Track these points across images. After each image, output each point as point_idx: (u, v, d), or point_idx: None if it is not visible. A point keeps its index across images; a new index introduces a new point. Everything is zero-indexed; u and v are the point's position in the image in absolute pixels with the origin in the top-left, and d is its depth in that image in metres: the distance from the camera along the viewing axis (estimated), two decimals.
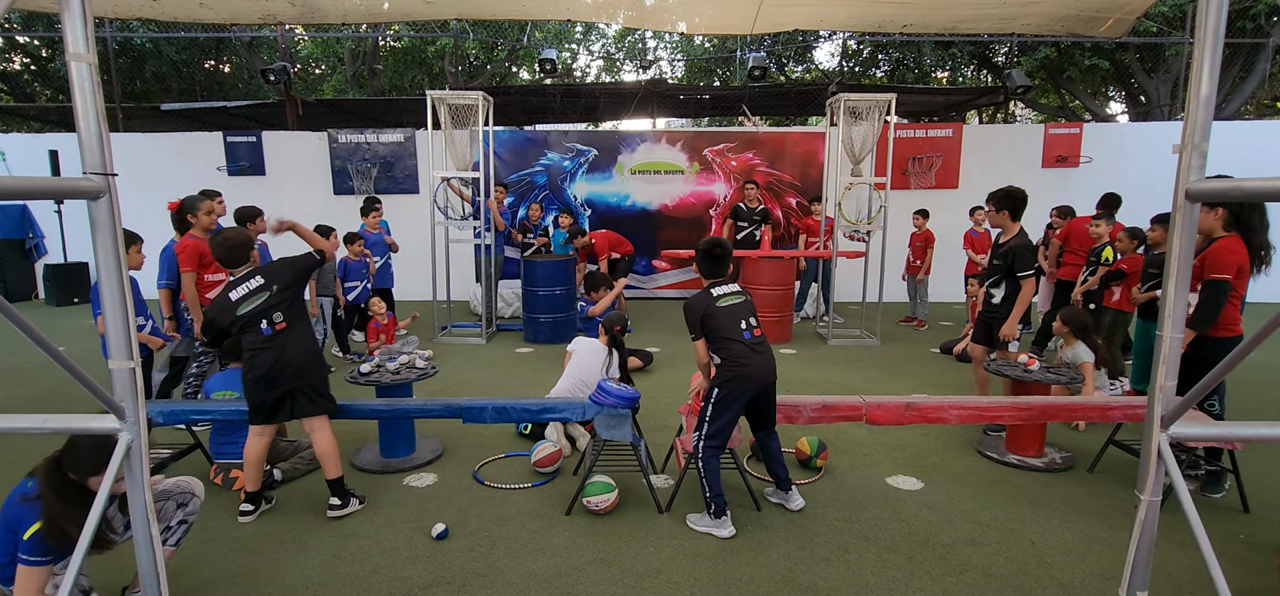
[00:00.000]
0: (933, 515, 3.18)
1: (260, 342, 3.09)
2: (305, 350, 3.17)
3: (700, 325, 3.00)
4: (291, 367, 3.10)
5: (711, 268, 3.13)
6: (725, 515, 3.01)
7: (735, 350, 2.96)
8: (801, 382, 5.45)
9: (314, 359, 3.23)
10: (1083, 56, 13.12)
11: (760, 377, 3.00)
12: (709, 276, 3.14)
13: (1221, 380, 3.22)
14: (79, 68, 1.51)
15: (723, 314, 3.00)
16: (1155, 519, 1.63)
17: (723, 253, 3.13)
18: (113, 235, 1.59)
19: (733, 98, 12.64)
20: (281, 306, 3.12)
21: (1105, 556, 2.80)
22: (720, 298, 3.03)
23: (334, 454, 3.22)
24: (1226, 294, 3.16)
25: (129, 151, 9.76)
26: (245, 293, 3.09)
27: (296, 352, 3.12)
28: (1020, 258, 3.95)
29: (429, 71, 16.30)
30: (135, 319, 1.68)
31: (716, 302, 3.01)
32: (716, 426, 3.00)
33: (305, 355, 3.16)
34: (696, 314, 3.01)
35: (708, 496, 3.01)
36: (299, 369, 3.12)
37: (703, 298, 3.04)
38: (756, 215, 7.81)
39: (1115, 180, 9.43)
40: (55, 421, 1.82)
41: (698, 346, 3.05)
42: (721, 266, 3.12)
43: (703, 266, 3.15)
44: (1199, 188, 1.49)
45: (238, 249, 3.17)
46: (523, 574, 2.74)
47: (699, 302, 3.03)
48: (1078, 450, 3.93)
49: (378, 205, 7.10)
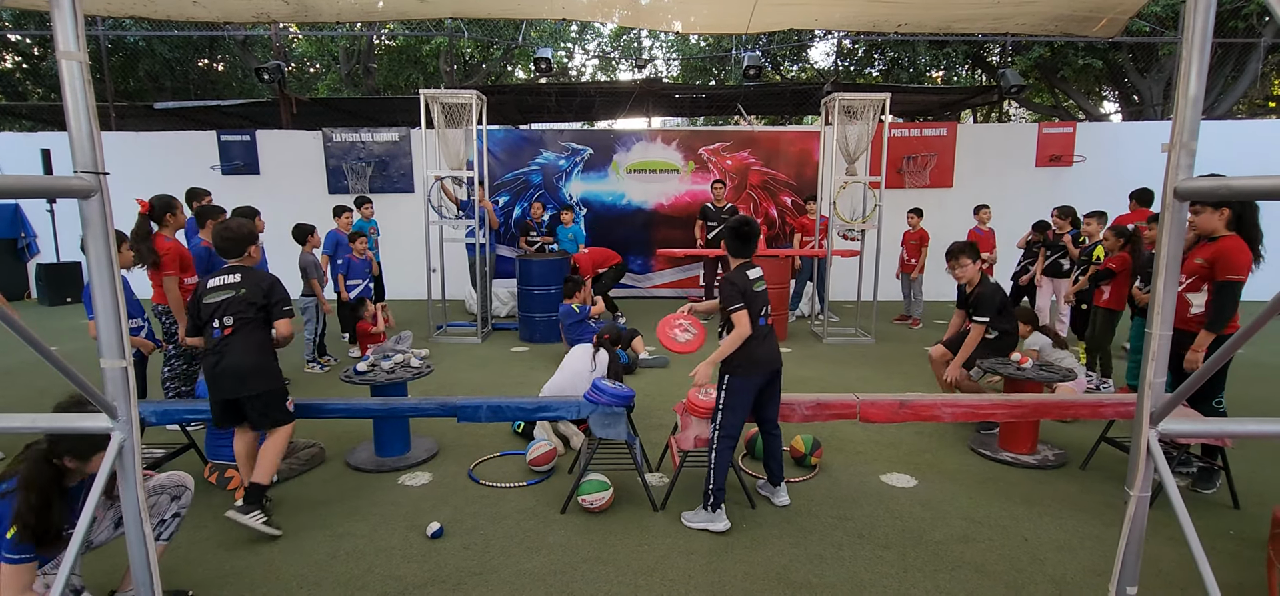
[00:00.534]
0: (926, 512, 3.19)
1: (210, 344, 3.07)
2: (249, 361, 3.03)
3: (742, 296, 2.97)
4: (231, 375, 3.00)
5: (742, 246, 3.10)
6: (721, 509, 3.03)
7: (754, 333, 2.97)
8: (797, 381, 5.46)
9: (258, 371, 3.06)
10: (1076, 56, 13.18)
11: (769, 363, 3.05)
12: (738, 255, 3.12)
13: (1221, 378, 3.30)
14: (70, 66, 1.51)
15: (754, 297, 3.00)
16: (1145, 514, 1.65)
17: (752, 231, 3.11)
18: (104, 234, 1.58)
19: (728, 97, 12.65)
20: (235, 311, 3.02)
21: (1097, 552, 2.82)
22: (754, 280, 3.04)
23: (273, 460, 3.09)
24: (1240, 294, 3.20)
25: (122, 150, 9.73)
26: (219, 284, 3.06)
27: (237, 360, 3.00)
28: (981, 304, 4.19)
29: (424, 70, 16.27)
30: (128, 320, 1.67)
31: (751, 282, 3.02)
32: (732, 417, 3.01)
33: (248, 365, 3.02)
34: (738, 287, 2.98)
35: (711, 487, 3.01)
36: (240, 377, 3.01)
37: (741, 274, 3.03)
38: (724, 214, 7.89)
39: (1109, 180, 9.51)
40: (46, 421, 1.82)
41: (740, 316, 2.96)
42: (751, 245, 3.10)
43: (732, 245, 3.12)
44: (1187, 186, 1.50)
45: (234, 241, 3.12)
46: (517, 572, 2.74)
47: (739, 278, 3.02)
48: (1070, 446, 3.95)
49: (368, 203, 7.14)
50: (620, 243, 9.67)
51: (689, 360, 5.93)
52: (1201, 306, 3.34)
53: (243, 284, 3.06)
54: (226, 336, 3.03)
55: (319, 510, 3.28)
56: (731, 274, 3.07)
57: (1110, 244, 5.07)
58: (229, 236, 3.13)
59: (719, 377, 3.06)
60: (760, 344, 3.00)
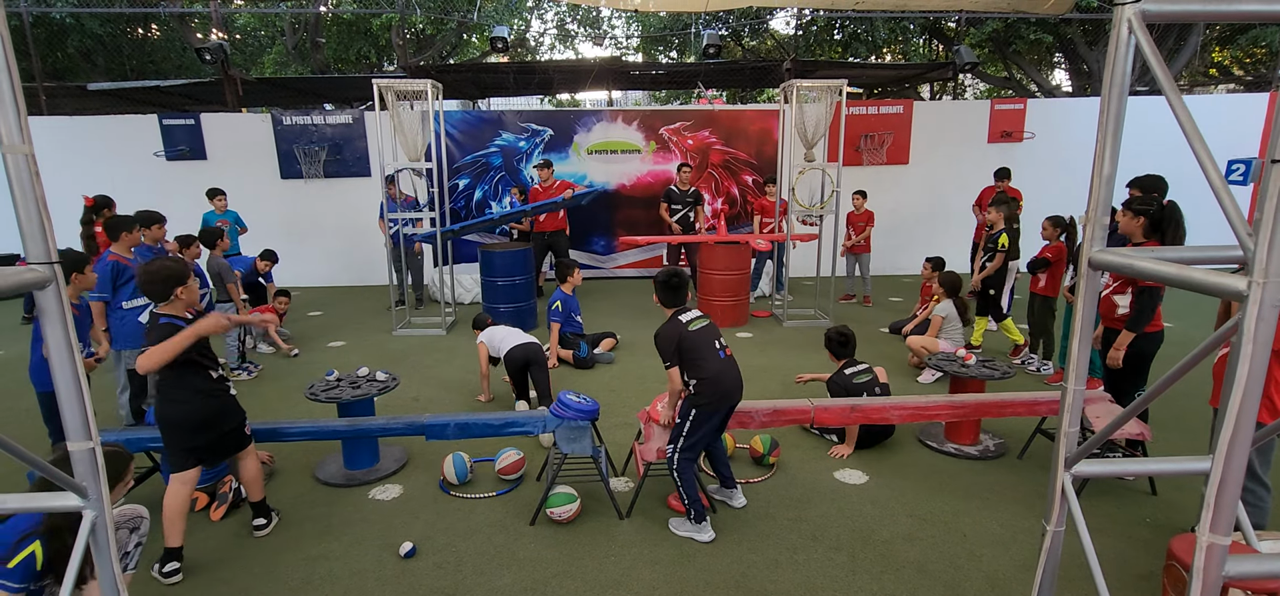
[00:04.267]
0: (875, 510, 3.40)
1: (210, 386, 3.02)
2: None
3: (675, 352, 3.05)
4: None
5: (672, 297, 3.22)
6: (705, 520, 3.15)
7: (712, 369, 3.04)
8: (757, 369, 5.63)
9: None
10: (1028, 30, 13.49)
11: (735, 394, 3.15)
12: (671, 305, 3.22)
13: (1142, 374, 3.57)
14: (16, 159, 1.49)
15: (695, 337, 3.08)
16: (1059, 547, 1.83)
17: (681, 281, 3.23)
18: (62, 321, 1.58)
19: (689, 73, 12.60)
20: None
21: (1027, 547, 3.07)
22: (690, 322, 3.11)
23: (258, 477, 3.30)
24: (1159, 298, 3.50)
25: (54, 136, 9.24)
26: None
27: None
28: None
29: (376, 44, 15.70)
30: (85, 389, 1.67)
31: (687, 327, 3.09)
32: (694, 440, 3.11)
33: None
34: (671, 341, 3.05)
35: (686, 503, 3.14)
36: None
37: (674, 325, 3.10)
38: (689, 197, 8.01)
39: (1058, 155, 9.88)
40: (15, 501, 1.83)
41: (672, 374, 3.08)
42: (681, 294, 3.22)
43: (664, 297, 3.23)
44: (1101, 258, 1.64)
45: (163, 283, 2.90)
46: (490, 590, 2.84)
47: (672, 330, 3.08)
48: (1010, 436, 4.22)
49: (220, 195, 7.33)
50: (583, 224, 9.69)
51: (647, 350, 6.06)
52: (1127, 307, 3.60)
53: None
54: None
55: (290, 530, 3.32)
56: (663, 328, 3.13)
57: (1047, 233, 5.36)
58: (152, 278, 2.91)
59: (684, 411, 3.12)
60: (723, 375, 3.08)
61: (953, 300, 5.49)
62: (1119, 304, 3.64)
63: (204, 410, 2.96)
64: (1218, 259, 1.57)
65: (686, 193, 8.02)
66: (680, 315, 3.14)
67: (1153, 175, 4.37)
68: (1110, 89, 1.61)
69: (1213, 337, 1.35)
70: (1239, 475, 1.28)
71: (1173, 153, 4.61)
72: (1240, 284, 1.22)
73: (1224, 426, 1.26)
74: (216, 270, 5.78)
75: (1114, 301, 3.64)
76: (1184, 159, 1.96)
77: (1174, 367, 1.44)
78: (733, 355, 3.21)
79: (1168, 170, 4.53)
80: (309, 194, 9.76)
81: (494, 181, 9.75)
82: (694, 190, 8.14)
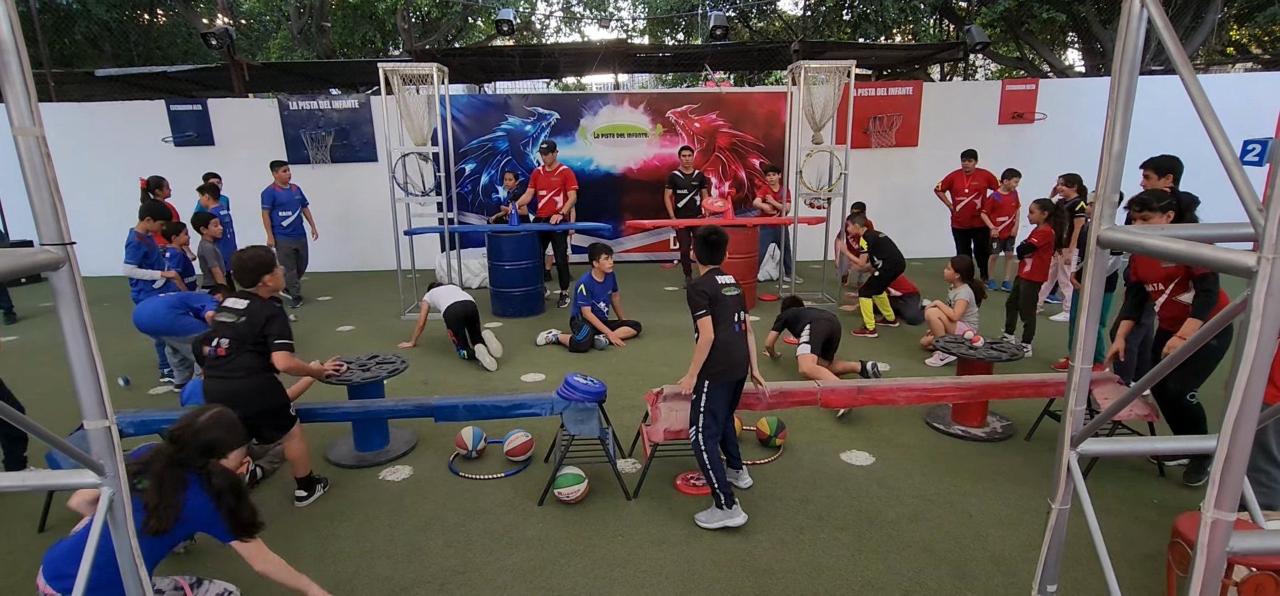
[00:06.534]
0: (882, 491, 3.42)
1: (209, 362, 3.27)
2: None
3: (709, 303, 3.06)
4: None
5: (711, 253, 3.20)
6: (735, 503, 3.10)
7: (725, 337, 3.06)
8: (763, 353, 5.63)
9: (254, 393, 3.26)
10: (1041, 9, 13.26)
11: (742, 366, 3.15)
12: (708, 262, 3.22)
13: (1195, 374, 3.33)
14: (26, 141, 1.50)
15: (725, 302, 3.09)
16: (1064, 524, 1.83)
17: (720, 239, 3.22)
18: (76, 301, 1.61)
19: (695, 55, 12.50)
20: (231, 336, 3.21)
21: (1033, 527, 3.07)
22: (724, 286, 3.12)
23: (301, 455, 3.43)
24: (1217, 280, 3.23)
25: (64, 122, 9.30)
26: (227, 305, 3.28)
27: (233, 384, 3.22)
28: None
29: (381, 28, 15.65)
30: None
31: (722, 289, 3.10)
32: (712, 419, 3.09)
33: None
34: (706, 294, 3.07)
35: (715, 488, 3.07)
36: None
37: (710, 280, 3.12)
38: (693, 180, 7.96)
39: (1070, 136, 9.75)
40: (36, 477, 1.87)
41: (705, 322, 3.07)
42: (720, 252, 3.21)
43: (702, 252, 3.22)
44: (1110, 236, 1.63)
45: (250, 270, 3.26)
46: (499, 568, 2.89)
47: (708, 284, 3.10)
48: (1016, 418, 4.22)
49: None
50: (590, 208, 9.67)
51: (657, 335, 6.08)
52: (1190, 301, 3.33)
53: (246, 312, 3.21)
54: (220, 356, 3.20)
55: (304, 511, 3.37)
56: (700, 280, 3.15)
57: (1036, 217, 5.34)
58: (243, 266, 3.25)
59: (697, 383, 3.13)
60: (734, 346, 3.09)
61: (969, 284, 5.48)
62: (1186, 302, 3.38)
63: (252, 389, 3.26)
64: (1229, 236, 1.56)
65: (691, 176, 7.98)
66: (716, 275, 3.15)
67: (1167, 155, 4.27)
68: (1121, 64, 1.59)
69: (1219, 315, 1.34)
70: (1245, 452, 1.28)
71: (1188, 131, 4.54)
72: (1250, 260, 1.21)
73: (1230, 403, 1.26)
74: (205, 255, 5.88)
75: (1182, 302, 3.36)
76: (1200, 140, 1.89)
77: (1181, 346, 1.44)
78: (748, 330, 3.22)
79: (1183, 151, 4.45)
80: (316, 179, 9.79)
81: (500, 166, 9.74)
82: (698, 173, 8.09)
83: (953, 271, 5.54)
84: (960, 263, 5.58)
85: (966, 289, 5.47)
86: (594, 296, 6.02)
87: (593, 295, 6.01)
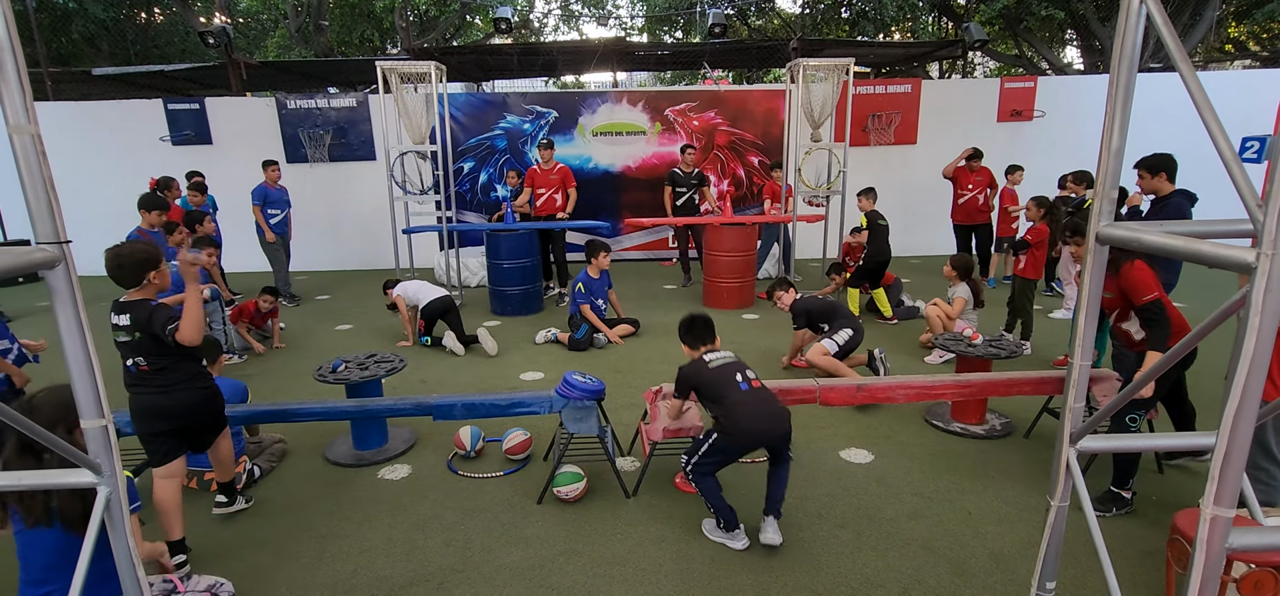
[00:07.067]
0: (881, 489, 3.42)
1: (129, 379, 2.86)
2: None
3: (687, 390, 3.13)
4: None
5: (696, 338, 3.26)
6: (737, 527, 2.97)
7: (732, 400, 2.92)
8: (763, 350, 5.64)
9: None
10: (1039, 6, 13.26)
11: (764, 430, 2.91)
12: (695, 346, 3.25)
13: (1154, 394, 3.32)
14: (22, 139, 1.50)
15: (713, 373, 3.03)
16: (1063, 521, 1.83)
17: (706, 322, 3.29)
18: (72, 302, 1.60)
19: (694, 53, 12.49)
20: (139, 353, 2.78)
21: (1033, 524, 3.08)
22: (711, 361, 3.10)
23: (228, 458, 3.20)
24: (1163, 307, 3.03)
25: (60, 121, 9.28)
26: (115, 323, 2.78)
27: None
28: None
29: (379, 26, 15.62)
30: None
31: (707, 366, 3.08)
32: (708, 462, 2.97)
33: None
34: (688, 382, 3.10)
35: (714, 513, 3.00)
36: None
37: (696, 366, 3.11)
38: (692, 179, 7.96)
39: (1069, 134, 9.75)
40: (32, 477, 1.86)
41: (673, 404, 3.21)
42: (705, 335, 3.26)
43: (687, 339, 3.28)
44: (1108, 233, 1.63)
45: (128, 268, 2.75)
46: (498, 567, 2.88)
47: (691, 371, 3.10)
48: (1015, 415, 4.22)
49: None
50: (588, 206, 9.65)
51: (655, 332, 6.08)
52: (1141, 331, 3.34)
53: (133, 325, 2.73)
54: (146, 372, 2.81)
55: (303, 510, 3.37)
56: (685, 367, 3.14)
57: (1032, 213, 5.36)
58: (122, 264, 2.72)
59: (707, 431, 3.02)
60: (745, 405, 2.92)
61: (967, 282, 5.50)
62: (1131, 331, 3.27)
63: (198, 398, 2.94)
64: (1227, 233, 1.55)
65: (691, 174, 7.98)
66: (705, 355, 3.16)
67: (1161, 154, 4.27)
68: (1120, 60, 1.59)
69: (1218, 311, 1.34)
70: (1244, 448, 1.27)
71: (1187, 128, 4.53)
72: (1249, 255, 1.20)
73: (1229, 399, 1.26)
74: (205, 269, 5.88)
75: (1126, 330, 3.28)
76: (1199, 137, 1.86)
77: (1178, 343, 1.44)
78: (762, 386, 3.04)
79: (1182, 148, 4.46)
80: (314, 178, 9.78)
81: (499, 164, 9.72)
82: (698, 172, 8.09)
83: (951, 269, 5.57)
84: (959, 261, 5.60)
85: (965, 287, 5.49)
86: (592, 293, 6.01)
87: (591, 292, 5.99)
